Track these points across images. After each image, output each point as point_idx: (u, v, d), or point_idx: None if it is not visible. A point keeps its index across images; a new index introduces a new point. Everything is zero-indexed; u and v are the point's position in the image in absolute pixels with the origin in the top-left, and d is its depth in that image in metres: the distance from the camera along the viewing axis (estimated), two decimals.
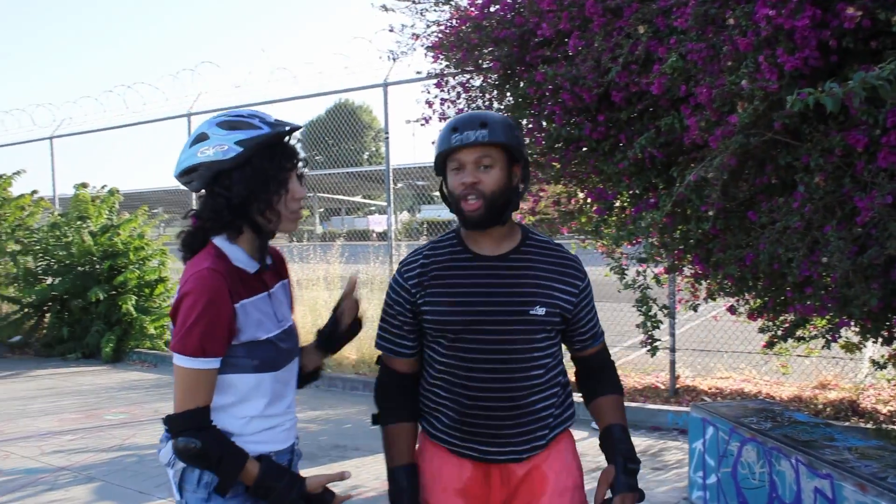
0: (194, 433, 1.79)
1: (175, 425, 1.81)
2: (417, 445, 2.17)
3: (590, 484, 2.18)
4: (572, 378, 2.24)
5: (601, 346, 2.22)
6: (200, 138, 1.86)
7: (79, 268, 9.83)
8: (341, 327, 2.23)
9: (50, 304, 10.19)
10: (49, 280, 10.18)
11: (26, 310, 10.22)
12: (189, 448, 1.77)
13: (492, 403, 2.00)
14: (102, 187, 10.66)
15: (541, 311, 2.01)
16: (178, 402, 1.82)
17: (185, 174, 1.87)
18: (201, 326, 1.79)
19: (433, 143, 2.12)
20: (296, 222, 1.98)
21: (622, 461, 2.02)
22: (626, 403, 6.71)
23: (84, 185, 10.46)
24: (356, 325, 2.27)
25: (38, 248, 10.30)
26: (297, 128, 1.95)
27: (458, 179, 1.98)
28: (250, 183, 1.84)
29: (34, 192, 11.17)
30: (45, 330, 10.31)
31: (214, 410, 1.89)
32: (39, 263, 10.35)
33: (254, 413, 1.92)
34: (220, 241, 1.90)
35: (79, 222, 10.02)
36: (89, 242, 9.72)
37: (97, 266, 9.78)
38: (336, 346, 2.27)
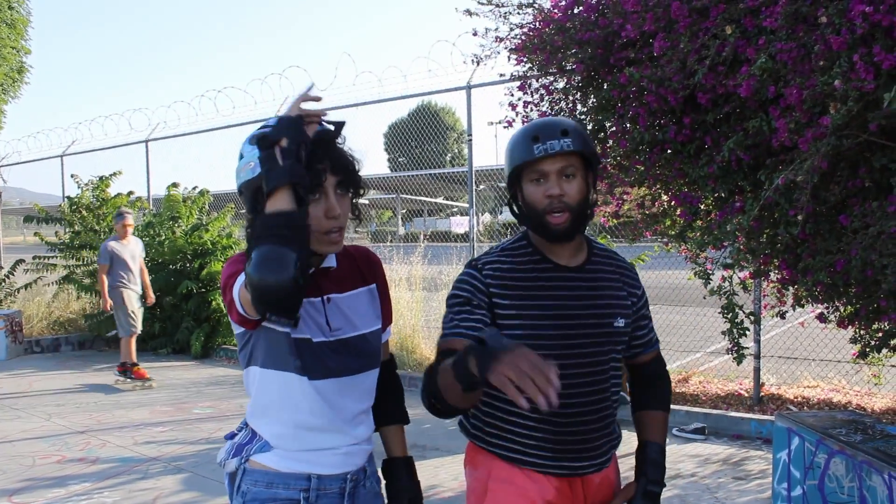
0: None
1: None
2: (480, 468, 2.03)
3: (665, 492, 2.17)
4: None
5: (655, 353, 2.19)
6: (240, 157, 1.77)
7: (171, 266, 10.21)
8: None
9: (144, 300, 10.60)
10: None
11: None
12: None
13: (587, 418, 1.96)
14: (193, 188, 11.04)
15: (621, 322, 2.00)
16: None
17: (240, 196, 1.80)
18: (231, 295, 1.71)
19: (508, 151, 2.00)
20: (330, 244, 1.79)
21: (644, 483, 2.01)
22: (708, 410, 6.56)
23: (175, 186, 10.85)
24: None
25: None
26: (327, 130, 1.74)
27: (541, 191, 1.91)
28: None
29: (130, 192, 11.63)
30: None
31: (261, 410, 1.87)
32: None
33: (304, 423, 1.84)
34: None
35: (171, 222, 10.41)
36: (181, 241, 10.07)
37: (188, 264, 10.13)
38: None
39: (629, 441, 2.20)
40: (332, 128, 1.80)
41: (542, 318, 1.91)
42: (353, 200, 1.86)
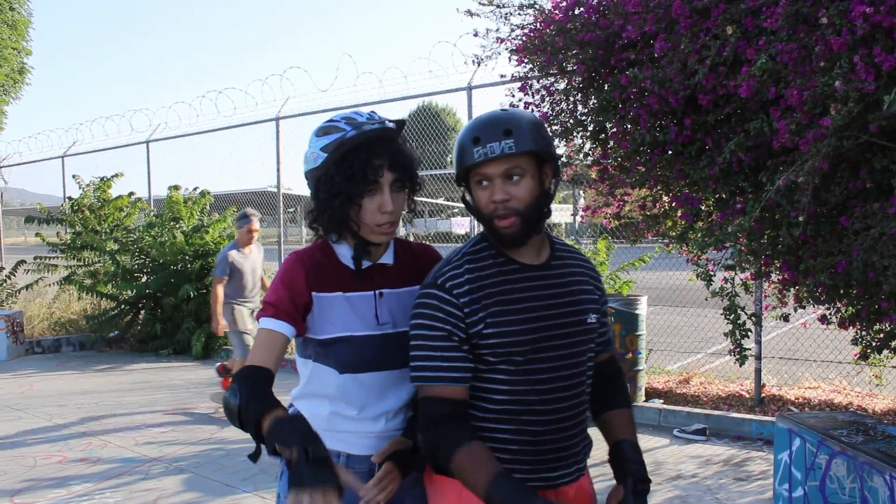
0: (237, 380, 1.75)
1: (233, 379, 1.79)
2: (449, 495, 1.85)
3: (666, 493, 2.14)
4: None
5: (612, 352, 2.13)
6: (309, 146, 1.89)
7: (172, 266, 10.21)
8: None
9: (144, 301, 10.61)
10: (144, 278, 10.60)
11: (123, 306, 10.67)
12: (226, 399, 1.75)
13: (565, 423, 1.88)
14: (194, 189, 11.05)
15: (593, 318, 1.93)
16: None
17: (306, 179, 1.93)
18: (272, 297, 1.85)
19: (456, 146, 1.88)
20: (382, 235, 1.89)
21: (632, 482, 1.87)
22: (709, 411, 6.54)
23: (176, 188, 10.86)
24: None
25: (134, 247, 10.73)
26: (388, 128, 1.85)
27: (486, 196, 1.80)
28: (326, 192, 1.84)
29: (131, 193, 11.64)
30: (140, 326, 10.74)
31: (303, 393, 1.97)
32: (136, 262, 10.77)
33: (340, 411, 1.92)
34: (330, 237, 1.96)
35: (172, 223, 10.41)
36: (182, 242, 10.08)
37: (189, 265, 10.12)
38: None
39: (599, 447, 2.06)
40: (392, 125, 1.89)
41: (515, 323, 1.81)
42: (409, 196, 1.96)
